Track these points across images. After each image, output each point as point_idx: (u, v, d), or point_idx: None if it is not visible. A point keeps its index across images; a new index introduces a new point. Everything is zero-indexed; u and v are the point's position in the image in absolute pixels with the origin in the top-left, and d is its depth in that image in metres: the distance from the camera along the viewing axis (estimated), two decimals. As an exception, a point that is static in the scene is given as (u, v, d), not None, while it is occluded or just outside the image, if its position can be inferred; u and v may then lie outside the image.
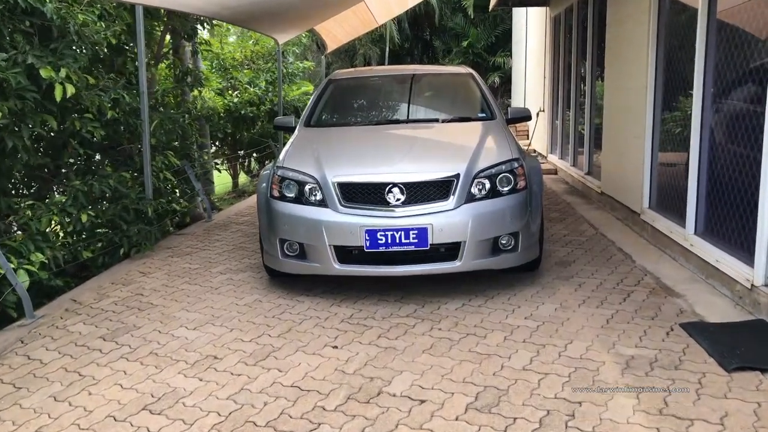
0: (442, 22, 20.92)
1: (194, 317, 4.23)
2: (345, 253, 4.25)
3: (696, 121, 4.66)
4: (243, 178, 13.49)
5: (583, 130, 8.44)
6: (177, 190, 7.53)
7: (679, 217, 5.04)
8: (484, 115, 5.49)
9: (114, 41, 5.85)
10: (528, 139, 12.98)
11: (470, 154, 4.43)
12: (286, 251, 4.46)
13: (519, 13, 14.61)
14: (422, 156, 4.63)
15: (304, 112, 5.72)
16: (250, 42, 11.99)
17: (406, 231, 4.11)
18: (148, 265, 5.55)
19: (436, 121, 5.43)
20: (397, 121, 5.56)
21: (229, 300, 4.54)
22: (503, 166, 4.37)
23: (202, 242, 6.37)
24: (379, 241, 4.13)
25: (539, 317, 3.95)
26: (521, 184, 4.38)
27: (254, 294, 4.65)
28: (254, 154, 12.19)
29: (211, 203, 8.55)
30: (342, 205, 4.24)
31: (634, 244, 5.59)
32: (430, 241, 4.12)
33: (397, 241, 4.12)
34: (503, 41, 19.21)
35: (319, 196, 4.33)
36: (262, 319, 4.14)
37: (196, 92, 8.61)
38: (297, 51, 13.60)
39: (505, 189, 4.32)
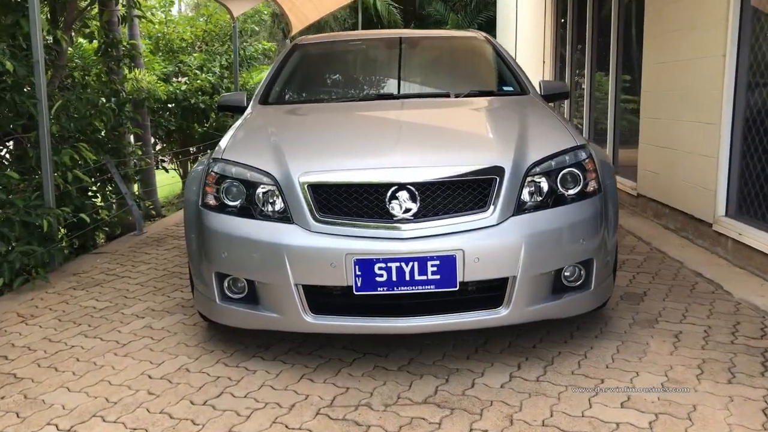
0: (419, 8, 19.39)
1: (76, 402, 2.58)
2: (322, 297, 2.65)
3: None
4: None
5: (605, 118, 6.97)
6: (98, 195, 5.82)
7: (794, 230, 3.58)
8: (511, 89, 3.95)
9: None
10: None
11: (515, 138, 2.87)
12: (227, 292, 2.83)
13: (507, -5, 13.18)
14: (442, 141, 3.03)
15: (258, 87, 4.08)
16: (201, 20, 10.23)
17: (421, 261, 2.53)
18: (35, 303, 3.86)
19: (447, 96, 3.84)
20: (393, 96, 3.91)
21: (139, 367, 2.90)
22: (567, 157, 2.83)
23: (123, 265, 4.68)
24: (378, 278, 2.53)
25: (644, 404, 2.41)
26: (593, 184, 2.84)
27: (180, 355, 3.01)
28: (208, 151, 10.48)
29: (146, 211, 6.84)
30: (317, 220, 2.63)
31: (711, 266, 4.12)
32: (459, 278, 2.54)
33: (407, 277, 2.53)
34: (487, 29, 17.75)
35: (279, 206, 2.71)
36: (184, 409, 2.51)
37: (126, 71, 6.87)
38: (257, 29, 11.87)
39: (571, 192, 2.78)
